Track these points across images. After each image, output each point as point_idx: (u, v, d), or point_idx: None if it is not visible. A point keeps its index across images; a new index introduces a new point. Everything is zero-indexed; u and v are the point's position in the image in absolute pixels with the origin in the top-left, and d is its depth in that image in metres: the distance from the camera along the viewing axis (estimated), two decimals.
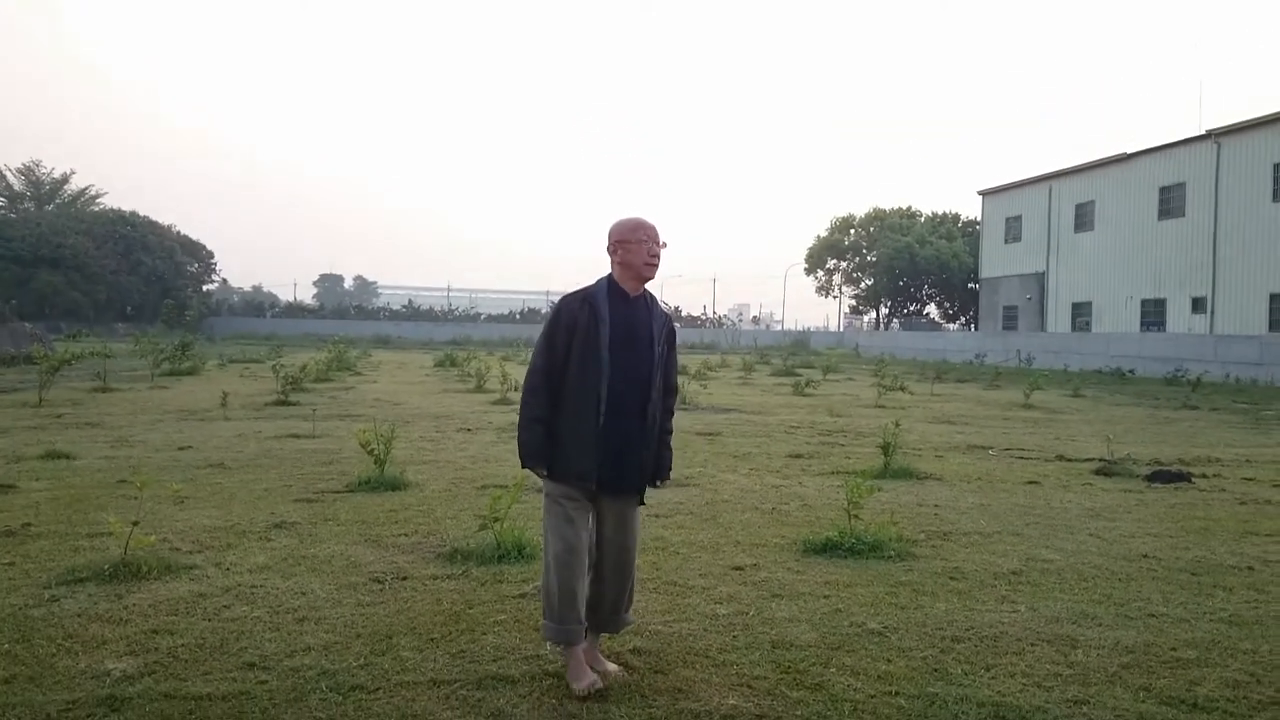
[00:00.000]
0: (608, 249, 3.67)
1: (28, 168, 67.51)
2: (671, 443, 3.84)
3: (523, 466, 3.63)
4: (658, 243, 3.64)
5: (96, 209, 67.56)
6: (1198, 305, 35.82)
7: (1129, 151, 39.64)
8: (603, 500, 3.64)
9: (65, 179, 69.11)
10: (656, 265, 3.65)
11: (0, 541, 5.51)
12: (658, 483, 3.78)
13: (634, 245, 3.60)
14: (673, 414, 3.87)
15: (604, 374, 3.51)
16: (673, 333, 3.77)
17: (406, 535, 5.87)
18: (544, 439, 3.56)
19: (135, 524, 4.93)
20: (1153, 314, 38.19)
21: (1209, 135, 35.09)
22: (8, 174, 66.92)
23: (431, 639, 4.00)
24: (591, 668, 3.58)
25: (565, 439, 3.54)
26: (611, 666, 3.66)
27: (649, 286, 3.77)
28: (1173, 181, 37.24)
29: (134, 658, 3.70)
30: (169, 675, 3.53)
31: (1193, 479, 8.68)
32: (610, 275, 3.68)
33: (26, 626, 4.04)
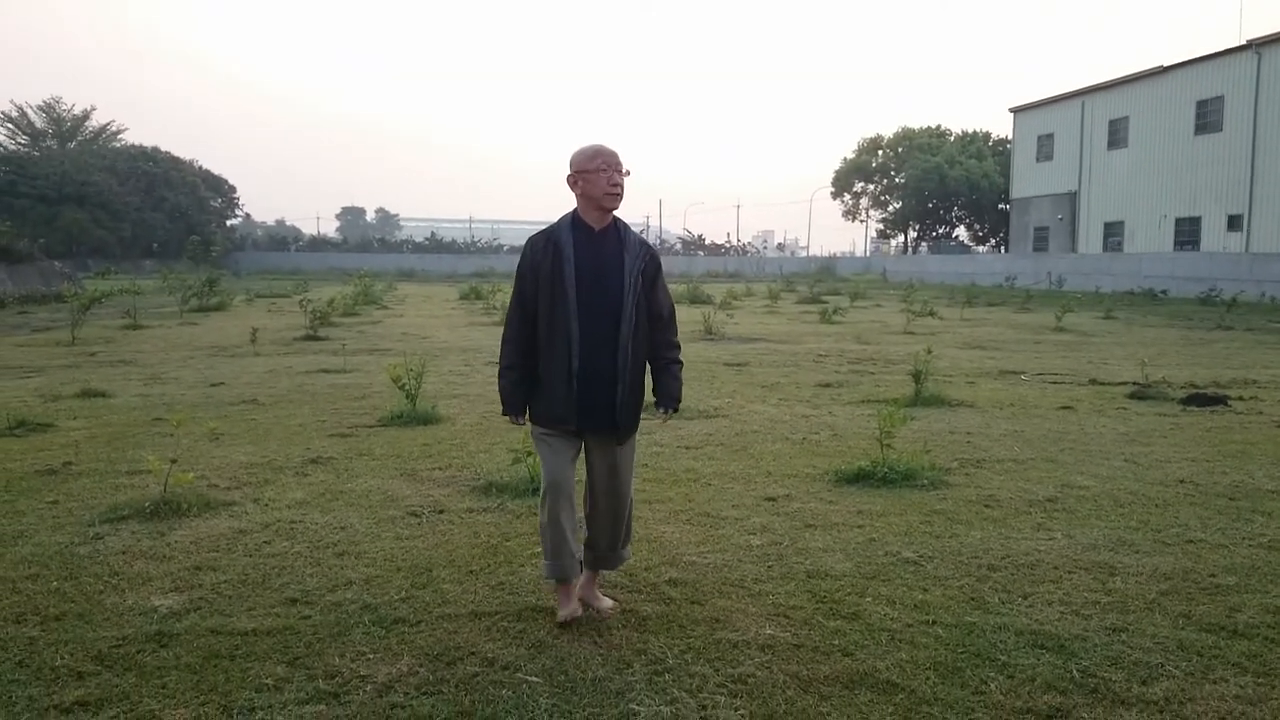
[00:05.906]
0: (568, 180, 3.47)
1: (48, 105, 67.23)
2: (680, 372, 3.66)
3: (503, 414, 3.59)
4: (619, 170, 3.42)
5: (118, 145, 67.48)
6: (1234, 223, 35.04)
7: (1165, 65, 38.46)
8: (588, 439, 3.55)
9: (86, 115, 68.83)
10: (619, 195, 3.44)
11: (43, 480, 5.61)
12: (665, 412, 3.64)
13: (592, 175, 3.39)
14: (678, 346, 3.67)
15: (572, 313, 3.37)
16: (655, 260, 3.56)
17: (441, 469, 5.91)
18: (517, 386, 3.52)
19: (173, 461, 5.00)
20: (1187, 233, 37.41)
21: (1249, 45, 33.92)
22: (29, 111, 66.81)
23: (470, 571, 4.04)
24: (588, 603, 3.60)
25: (543, 381, 3.47)
26: (608, 602, 3.66)
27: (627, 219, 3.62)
28: (1210, 95, 36.12)
29: (179, 594, 3.76)
30: (214, 611, 3.59)
31: (1229, 402, 8.57)
32: (575, 209, 3.49)
33: (73, 564, 4.12)
